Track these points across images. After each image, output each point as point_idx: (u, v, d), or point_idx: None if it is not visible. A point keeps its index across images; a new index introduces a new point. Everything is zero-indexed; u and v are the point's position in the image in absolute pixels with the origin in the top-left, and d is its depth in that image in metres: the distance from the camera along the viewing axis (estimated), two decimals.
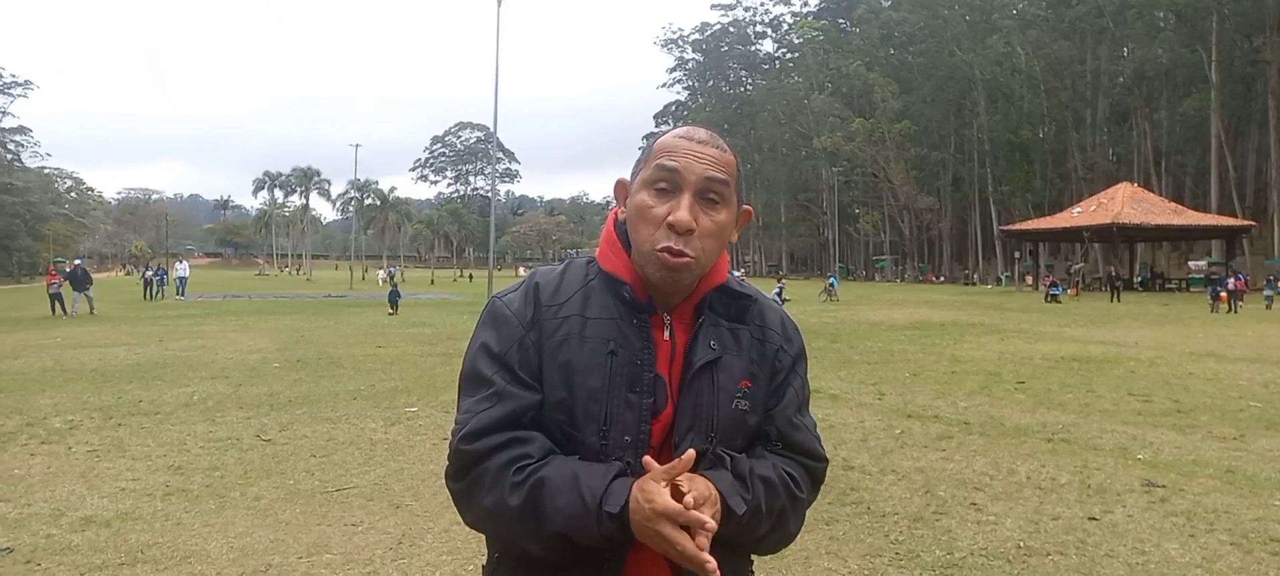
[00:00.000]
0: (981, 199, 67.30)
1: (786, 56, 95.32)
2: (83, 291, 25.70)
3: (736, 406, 1.36)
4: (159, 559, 4.35)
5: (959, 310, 27.47)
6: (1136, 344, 15.72)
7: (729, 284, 1.40)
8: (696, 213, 1.29)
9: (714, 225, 1.31)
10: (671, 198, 1.29)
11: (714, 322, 1.37)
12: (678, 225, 1.27)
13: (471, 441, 1.28)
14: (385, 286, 48.93)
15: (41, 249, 75.61)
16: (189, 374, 11.44)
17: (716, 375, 1.34)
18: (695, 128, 1.36)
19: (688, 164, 1.30)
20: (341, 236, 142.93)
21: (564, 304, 1.34)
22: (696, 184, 1.29)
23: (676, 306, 1.36)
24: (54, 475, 6.04)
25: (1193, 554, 4.43)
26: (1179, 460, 6.50)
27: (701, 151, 1.31)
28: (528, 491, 1.23)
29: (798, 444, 1.43)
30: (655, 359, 1.32)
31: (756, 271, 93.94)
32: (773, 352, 1.42)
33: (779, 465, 1.38)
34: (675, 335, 1.35)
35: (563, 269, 1.42)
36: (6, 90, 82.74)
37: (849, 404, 9.14)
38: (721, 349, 1.36)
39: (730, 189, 1.33)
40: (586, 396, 1.29)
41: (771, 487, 1.34)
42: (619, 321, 1.32)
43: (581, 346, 1.31)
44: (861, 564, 4.33)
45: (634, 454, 1.28)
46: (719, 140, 1.35)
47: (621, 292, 1.33)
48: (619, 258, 1.37)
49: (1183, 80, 54.33)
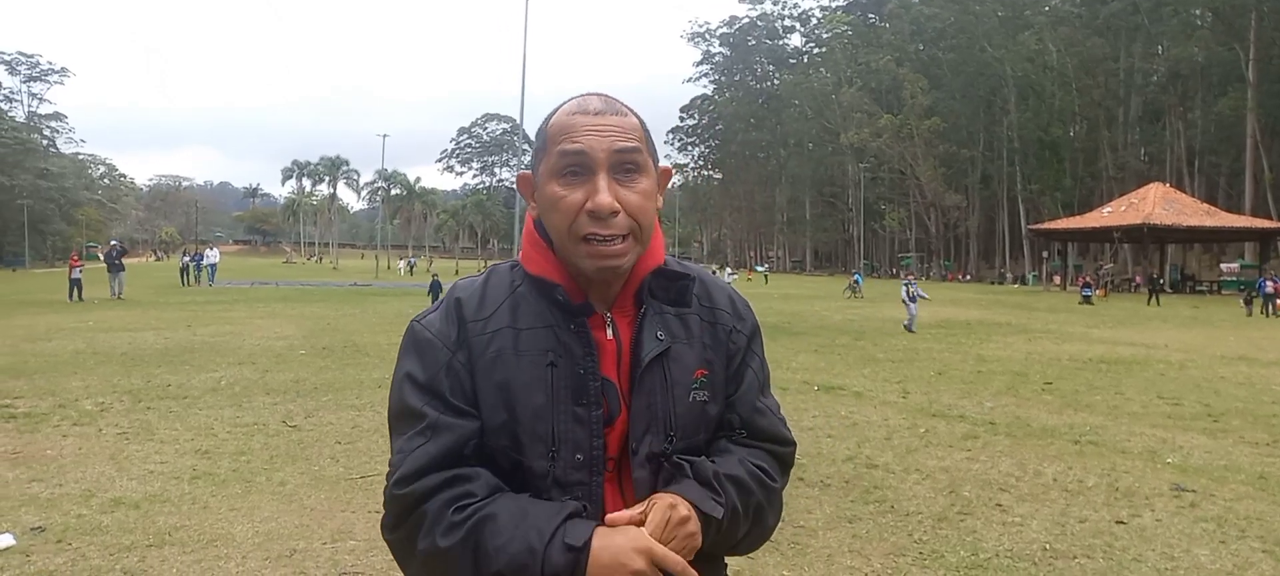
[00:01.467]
0: (1010, 197, 66.59)
1: (814, 51, 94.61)
2: (117, 274, 26.18)
3: (694, 398, 1.25)
4: (186, 541, 4.41)
5: (985, 309, 27.23)
6: (1166, 346, 15.50)
7: (667, 265, 1.29)
8: (616, 190, 1.18)
9: (639, 196, 1.19)
10: (584, 181, 1.18)
11: (658, 310, 1.26)
12: (600, 210, 1.16)
13: (406, 484, 1.15)
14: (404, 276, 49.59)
15: (75, 234, 76.84)
16: (216, 359, 11.58)
17: (668, 367, 1.24)
18: (588, 97, 1.23)
19: (592, 142, 1.18)
20: (367, 226, 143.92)
21: (491, 317, 1.22)
22: (608, 160, 1.18)
23: (615, 300, 1.25)
24: (85, 456, 6.13)
25: (1223, 560, 4.36)
26: (1209, 465, 6.39)
27: (603, 124, 1.19)
28: (467, 531, 1.11)
29: (763, 430, 1.32)
30: (599, 363, 1.21)
31: (781, 267, 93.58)
32: (725, 334, 1.31)
33: (747, 459, 1.28)
34: (619, 332, 1.24)
35: (485, 278, 1.29)
36: (43, 77, 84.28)
37: (873, 402, 9.09)
38: (670, 338, 1.25)
39: (643, 153, 1.21)
40: (530, 415, 1.17)
41: (742, 485, 1.24)
42: (555, 329, 1.21)
43: (517, 361, 1.19)
44: (885, 563, 4.30)
45: (587, 473, 1.18)
46: (617, 104, 1.23)
47: (554, 296, 1.22)
48: (545, 258, 1.25)
49: (1218, 79, 53.34)
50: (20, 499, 5.09)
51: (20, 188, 63.69)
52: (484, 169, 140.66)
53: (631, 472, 1.21)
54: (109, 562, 4.11)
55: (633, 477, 1.21)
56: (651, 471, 1.22)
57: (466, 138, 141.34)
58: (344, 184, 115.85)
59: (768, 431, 1.33)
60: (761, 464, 1.29)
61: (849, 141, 72.78)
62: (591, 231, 1.17)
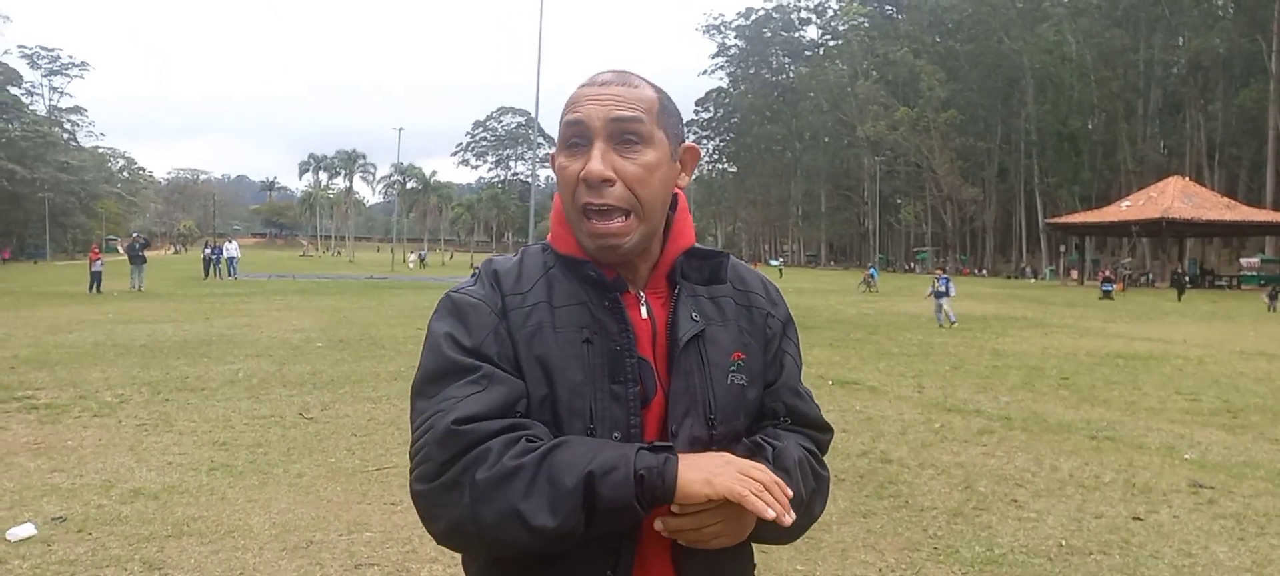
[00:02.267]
0: (1027, 190, 66.16)
1: (830, 43, 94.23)
2: (139, 267, 26.41)
3: (732, 381, 1.22)
4: (204, 531, 4.45)
5: (1001, 304, 27.07)
6: (1185, 341, 15.36)
7: (697, 246, 1.27)
8: (613, 160, 1.14)
9: (640, 168, 1.15)
10: (584, 151, 1.16)
11: (691, 292, 1.24)
12: (590, 177, 1.13)
13: (468, 422, 1.07)
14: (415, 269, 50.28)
15: (94, 226, 77.56)
16: (234, 351, 11.67)
17: (705, 349, 1.21)
18: (603, 71, 1.22)
19: (589, 111, 1.15)
20: (383, 219, 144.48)
21: (529, 292, 1.20)
22: (604, 128, 1.15)
23: (648, 281, 1.23)
24: (105, 447, 6.20)
25: (1242, 557, 4.33)
26: (1228, 461, 6.34)
27: (604, 94, 1.17)
28: (546, 451, 1.06)
29: (806, 416, 1.32)
30: (635, 342, 1.18)
31: (795, 261, 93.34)
32: (762, 319, 1.30)
33: (802, 443, 1.27)
34: (653, 313, 1.22)
35: (519, 256, 1.27)
36: (63, 71, 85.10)
37: (888, 396, 9.06)
38: (705, 320, 1.23)
39: (648, 125, 1.17)
40: (568, 391, 1.14)
41: (804, 471, 1.22)
42: (589, 306, 1.18)
43: (555, 337, 1.16)
44: (899, 557, 4.29)
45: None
46: (630, 77, 1.21)
47: (586, 273, 1.20)
48: (572, 237, 1.23)
49: (1240, 70, 52.77)
50: (42, 489, 5.15)
51: (42, 180, 64.30)
52: (499, 162, 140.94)
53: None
54: (129, 552, 4.15)
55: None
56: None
57: (481, 131, 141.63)
58: (360, 177, 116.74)
59: (811, 418, 1.33)
60: (811, 449, 1.28)
61: (865, 134, 72.46)
62: (587, 201, 1.15)
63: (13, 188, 61.47)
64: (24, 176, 61.99)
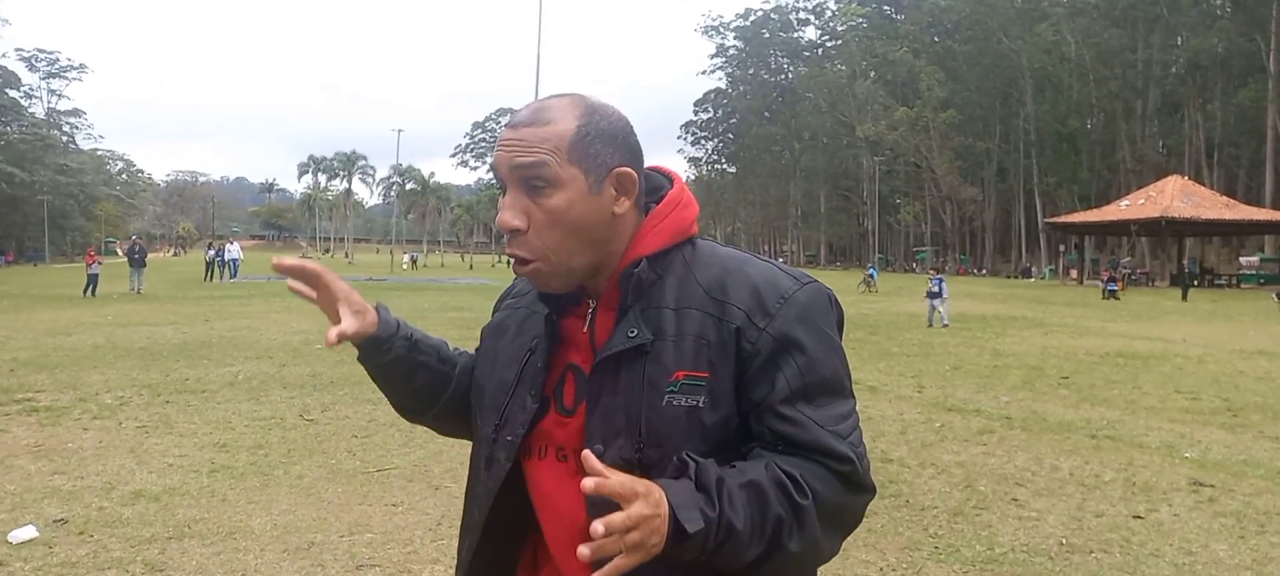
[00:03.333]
0: (1026, 190, 66.12)
1: (829, 44, 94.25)
2: (139, 270, 26.35)
3: (669, 402, 1.10)
4: (205, 533, 4.45)
5: (1001, 303, 27.08)
6: (1184, 340, 15.37)
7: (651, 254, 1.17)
8: (525, 205, 1.12)
9: (547, 214, 1.11)
10: (505, 197, 1.15)
11: (649, 303, 1.15)
12: (500, 226, 1.14)
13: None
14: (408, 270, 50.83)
15: (94, 229, 77.56)
16: (234, 353, 11.67)
17: (645, 367, 1.12)
18: (528, 105, 1.16)
19: (499, 158, 1.13)
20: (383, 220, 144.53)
21: (526, 293, 1.31)
22: (511, 176, 1.12)
23: (602, 291, 1.19)
24: (105, 449, 6.20)
25: (1242, 555, 4.33)
26: (1228, 460, 6.35)
27: (512, 137, 1.12)
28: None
29: (799, 441, 1.11)
30: (555, 356, 1.20)
31: (795, 261, 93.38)
32: (732, 334, 1.13)
33: (777, 465, 1.09)
34: (595, 325, 1.19)
35: None
36: (62, 74, 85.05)
37: (888, 396, 9.06)
38: (655, 334, 1.13)
39: (553, 167, 1.10)
40: (496, 388, 1.25)
41: (759, 494, 1.05)
42: (545, 317, 1.24)
43: (512, 340, 1.27)
44: (900, 557, 4.30)
45: (507, 455, 1.22)
46: (546, 111, 1.13)
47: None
48: None
49: (1239, 70, 52.74)
50: (43, 491, 5.15)
51: (40, 183, 64.29)
52: None
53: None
54: (130, 554, 4.16)
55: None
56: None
57: (480, 133, 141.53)
58: (359, 179, 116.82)
59: (808, 442, 1.11)
60: (794, 473, 1.08)
61: (864, 134, 72.43)
62: (507, 248, 1.19)
63: (12, 190, 61.47)
64: (23, 179, 61.99)
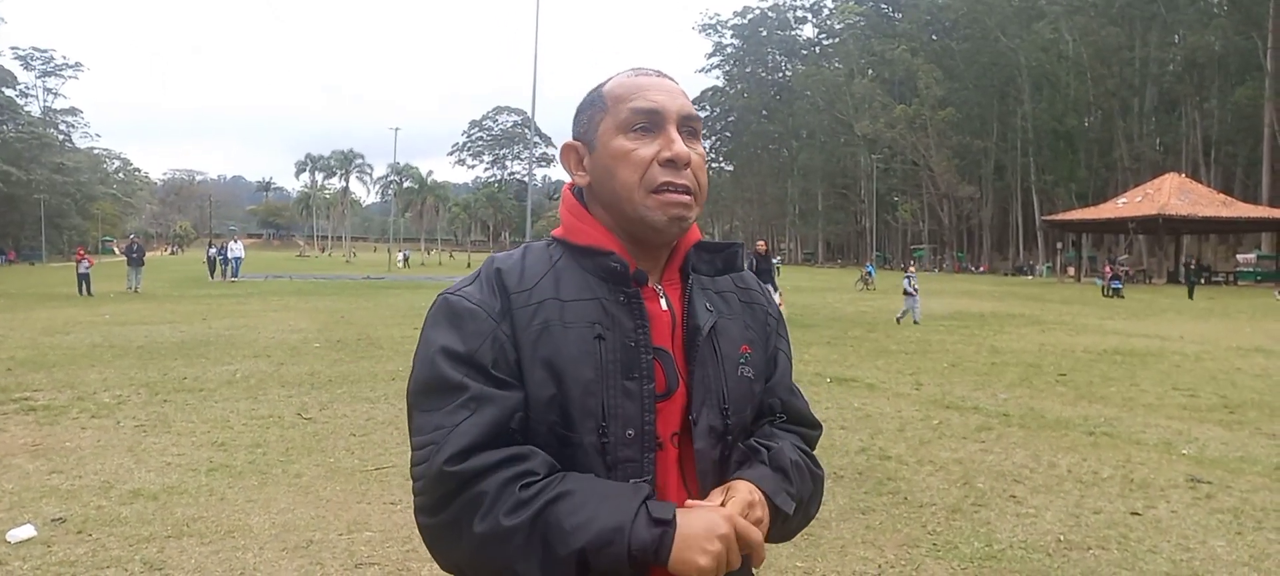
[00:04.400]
0: (1023, 188, 66.25)
1: (826, 42, 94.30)
2: (137, 269, 26.30)
3: (741, 374, 1.25)
4: (204, 532, 4.45)
5: (998, 301, 27.11)
6: (1182, 337, 15.39)
7: (704, 239, 1.30)
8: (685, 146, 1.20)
9: (701, 160, 1.23)
10: (656, 135, 1.19)
11: (702, 285, 1.27)
12: (679, 159, 1.17)
13: (459, 461, 1.06)
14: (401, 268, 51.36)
15: (91, 228, 77.37)
16: (232, 352, 11.66)
17: (717, 341, 1.23)
18: (645, 67, 1.28)
19: (664, 101, 1.20)
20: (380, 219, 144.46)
21: (535, 287, 1.17)
22: (678, 118, 1.21)
23: (664, 272, 1.25)
24: (103, 448, 6.20)
25: (1240, 551, 4.34)
26: (1226, 456, 6.36)
27: (672, 87, 1.24)
28: (539, 508, 1.04)
29: (800, 414, 1.34)
30: (651, 335, 1.17)
31: (793, 259, 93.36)
32: (762, 314, 1.34)
33: (798, 446, 1.29)
34: (671, 304, 1.23)
35: (522, 252, 1.26)
36: (57, 72, 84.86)
37: (886, 393, 9.07)
38: (716, 312, 1.25)
39: (701, 124, 1.27)
40: (580, 390, 1.12)
41: (800, 470, 1.24)
42: (602, 301, 1.17)
43: (565, 334, 1.14)
44: (898, 553, 4.30)
45: (638, 449, 1.13)
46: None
47: (608, 265, 1.18)
48: (593, 227, 1.22)
49: (1236, 68, 52.84)
50: (41, 490, 5.15)
51: (37, 182, 64.11)
52: (495, 162, 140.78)
53: (693, 446, 1.17)
54: (129, 553, 4.15)
55: (694, 450, 1.18)
56: (711, 444, 1.19)
57: (478, 131, 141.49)
58: (356, 177, 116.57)
59: (804, 415, 1.35)
60: (806, 449, 1.31)
61: (862, 132, 72.46)
62: (667, 180, 1.17)
63: (8, 190, 61.28)
64: (19, 178, 61.80)
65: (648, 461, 1.14)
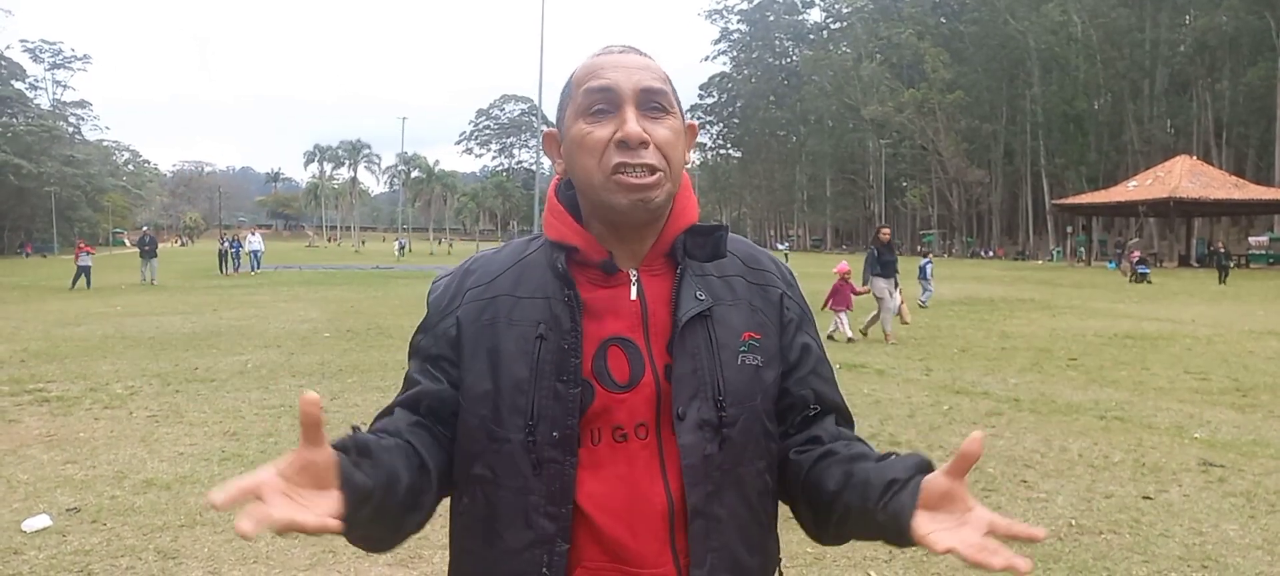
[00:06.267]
0: (1033, 172, 65.87)
1: (834, 26, 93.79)
2: (149, 261, 26.40)
3: (743, 362, 1.18)
4: (217, 521, 4.48)
5: (1008, 285, 27.01)
6: (1193, 321, 15.32)
7: (697, 223, 1.24)
8: (644, 123, 1.15)
9: (670, 133, 1.16)
10: (612, 116, 1.15)
11: (698, 271, 1.21)
12: (630, 138, 1.12)
13: (378, 418, 1.23)
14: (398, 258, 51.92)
15: (101, 220, 77.74)
16: (242, 342, 11.71)
17: (713, 329, 1.17)
18: (613, 44, 1.23)
19: (618, 78, 1.15)
20: (388, 209, 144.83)
21: (492, 283, 1.21)
22: (635, 95, 1.15)
23: (644, 258, 1.20)
24: (116, 438, 6.24)
25: (1253, 535, 4.32)
26: (1238, 439, 6.33)
27: (629, 62, 1.17)
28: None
29: (834, 403, 1.27)
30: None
31: (801, 246, 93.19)
32: (778, 298, 1.26)
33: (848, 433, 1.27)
34: (644, 291, 1.18)
35: (501, 248, 1.28)
36: (66, 65, 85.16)
37: (896, 379, 9.06)
38: (713, 299, 1.19)
39: (669, 96, 1.19)
40: (511, 387, 1.14)
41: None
42: (550, 301, 1.16)
43: (509, 331, 1.16)
44: None
45: (561, 451, 1.12)
46: (642, 49, 1.22)
47: (556, 263, 1.17)
48: (563, 222, 1.21)
49: (1248, 49, 52.39)
50: (55, 480, 5.19)
51: (47, 174, 64.35)
52: (503, 150, 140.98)
53: (677, 439, 1.13)
54: (143, 542, 4.18)
55: (679, 444, 1.13)
56: (704, 438, 1.14)
57: (485, 119, 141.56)
58: (365, 167, 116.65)
59: (839, 404, 1.29)
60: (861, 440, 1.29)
61: (870, 116, 72.12)
62: (621, 161, 1.13)
63: (19, 182, 61.51)
64: (30, 171, 62.03)
65: (569, 464, 1.13)
